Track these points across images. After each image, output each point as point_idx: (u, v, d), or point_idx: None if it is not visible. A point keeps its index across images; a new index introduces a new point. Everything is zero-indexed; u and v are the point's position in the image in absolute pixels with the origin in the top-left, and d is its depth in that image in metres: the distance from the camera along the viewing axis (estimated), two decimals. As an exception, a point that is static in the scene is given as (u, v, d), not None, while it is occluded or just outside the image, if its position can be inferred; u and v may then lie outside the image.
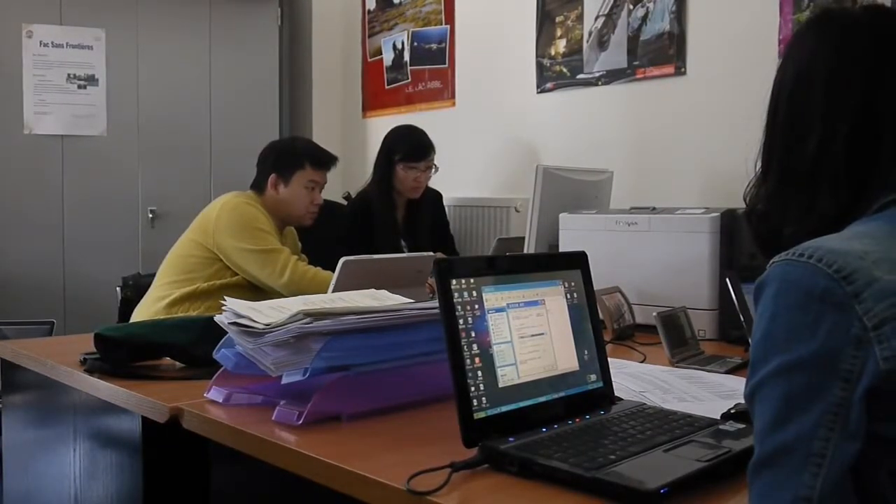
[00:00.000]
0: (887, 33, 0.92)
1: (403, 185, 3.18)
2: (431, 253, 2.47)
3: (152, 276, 2.57)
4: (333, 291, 1.96)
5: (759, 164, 1.00)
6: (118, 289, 2.73)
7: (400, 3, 4.21)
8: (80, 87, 4.02)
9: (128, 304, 2.64)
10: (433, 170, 3.23)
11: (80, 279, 3.98)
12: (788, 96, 0.95)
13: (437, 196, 3.41)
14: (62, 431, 1.68)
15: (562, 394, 1.18)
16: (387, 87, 4.28)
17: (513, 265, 1.20)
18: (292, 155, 2.67)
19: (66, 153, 4.01)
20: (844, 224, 0.87)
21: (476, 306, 1.10)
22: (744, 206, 1.93)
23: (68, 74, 3.99)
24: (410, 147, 3.17)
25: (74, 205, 4.03)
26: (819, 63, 0.93)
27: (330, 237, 3.26)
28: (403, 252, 3.09)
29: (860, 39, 0.92)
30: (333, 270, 2.05)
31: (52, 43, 3.96)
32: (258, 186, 2.66)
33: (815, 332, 0.75)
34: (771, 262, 0.81)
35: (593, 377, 1.24)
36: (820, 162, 0.91)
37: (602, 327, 1.32)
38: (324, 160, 2.71)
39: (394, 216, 3.22)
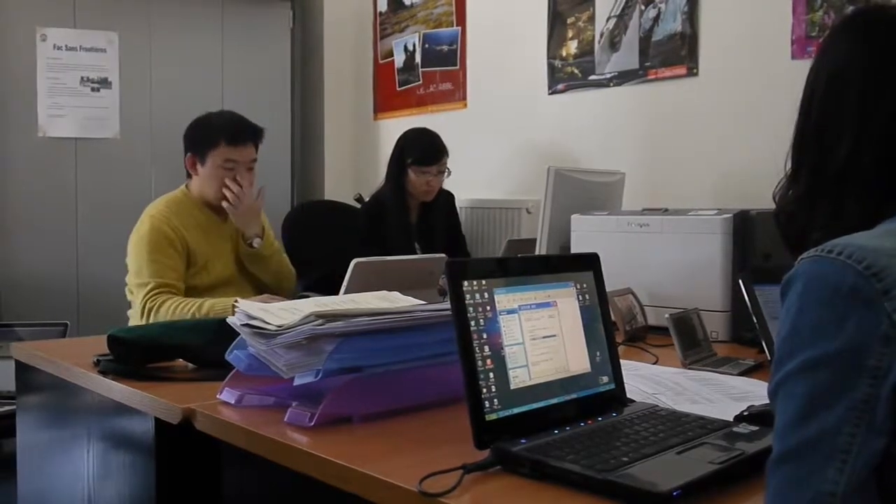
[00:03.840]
0: None
1: (416, 188, 3.18)
2: (443, 254, 2.47)
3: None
4: (345, 293, 1.96)
5: (788, 164, 0.99)
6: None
7: (411, 5, 4.21)
8: (93, 89, 4.04)
9: (141, 306, 2.65)
10: (446, 173, 3.23)
11: (94, 281, 3.99)
12: (822, 96, 0.95)
13: (449, 197, 3.41)
14: (76, 432, 1.69)
15: (573, 395, 1.17)
16: (398, 88, 4.29)
17: (524, 267, 1.19)
18: (206, 131, 2.45)
19: (79, 156, 4.03)
20: (872, 226, 0.87)
21: (488, 308, 1.10)
22: (757, 206, 1.92)
23: (82, 77, 4.01)
24: (423, 151, 3.16)
25: (88, 207, 4.05)
26: (854, 64, 0.93)
27: (343, 239, 3.27)
28: (417, 255, 3.09)
29: (894, 39, 0.92)
30: (344, 272, 2.05)
31: (66, 46, 3.98)
32: (187, 171, 2.50)
33: (842, 328, 0.75)
34: (799, 258, 0.81)
35: (605, 379, 1.24)
36: (851, 165, 0.90)
37: (614, 329, 1.32)
38: (239, 135, 2.44)
39: (407, 219, 3.21)
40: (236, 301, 1.37)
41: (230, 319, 1.32)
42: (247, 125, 2.48)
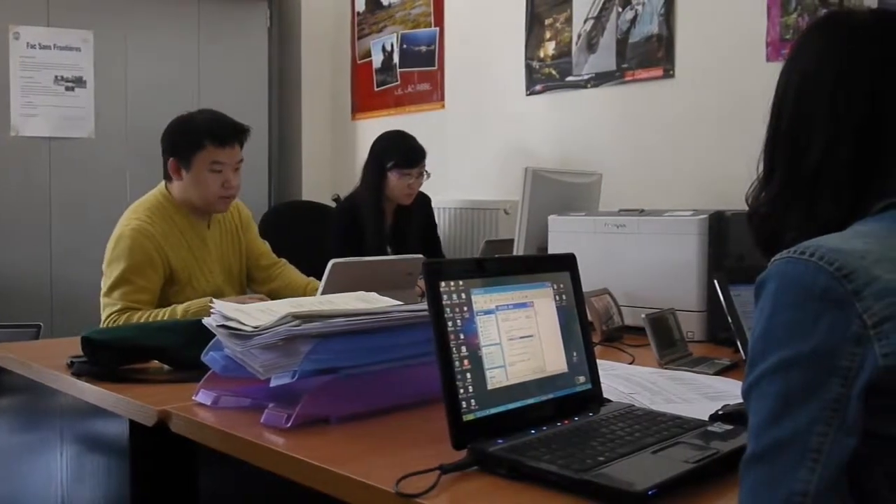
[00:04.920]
0: (893, 36, 0.93)
1: (396, 192, 3.15)
2: (421, 255, 2.47)
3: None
4: (323, 293, 1.95)
5: (761, 166, 1.00)
6: (104, 292, 2.71)
7: (389, 5, 4.21)
8: (67, 89, 4.00)
9: (115, 307, 2.62)
10: (425, 176, 3.21)
11: (68, 282, 3.95)
12: (794, 98, 0.95)
13: (425, 200, 3.40)
14: (49, 435, 1.68)
15: (550, 395, 1.18)
16: (376, 89, 4.28)
17: (502, 267, 1.20)
18: (189, 134, 2.32)
19: (53, 155, 3.98)
20: (846, 227, 0.88)
21: (465, 308, 1.10)
22: (732, 207, 1.93)
23: (56, 76, 3.97)
24: (404, 154, 3.13)
25: (62, 207, 4.00)
26: (826, 65, 0.93)
27: (320, 240, 3.26)
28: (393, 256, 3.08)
29: (867, 42, 0.93)
30: (322, 272, 2.04)
31: (40, 45, 3.93)
32: (166, 175, 2.37)
33: (815, 329, 0.76)
34: (772, 259, 0.82)
35: (582, 379, 1.24)
36: (824, 166, 0.91)
37: (591, 329, 1.32)
38: (226, 135, 2.32)
39: (382, 223, 3.19)
40: (212, 301, 1.35)
41: (206, 320, 1.31)
42: (232, 124, 2.37)
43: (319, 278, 2.07)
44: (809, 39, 0.98)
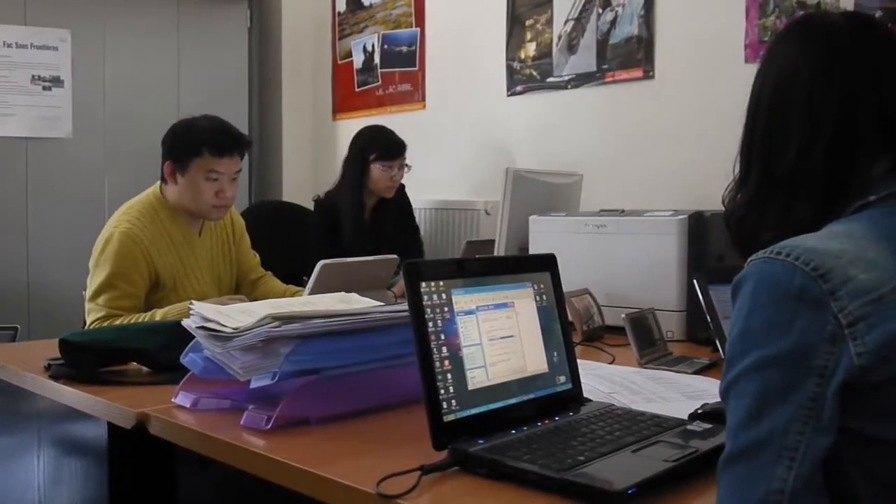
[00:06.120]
0: (867, 39, 0.94)
1: (379, 184, 3.18)
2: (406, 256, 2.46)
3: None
4: (311, 294, 1.95)
5: (737, 167, 1.00)
6: (84, 293, 2.69)
7: (370, 6, 4.20)
8: (44, 88, 3.96)
9: (94, 309, 2.59)
10: (406, 168, 3.24)
11: (45, 284, 3.92)
12: (770, 99, 0.96)
13: (401, 188, 3.39)
14: (26, 438, 1.66)
15: (531, 395, 1.18)
16: (357, 89, 4.27)
17: (482, 268, 1.20)
18: (188, 139, 2.28)
19: (30, 155, 3.94)
20: (821, 227, 0.88)
21: (445, 309, 1.10)
22: (711, 208, 1.94)
23: (33, 76, 3.93)
24: (386, 146, 3.17)
25: (39, 208, 3.96)
26: (802, 67, 0.94)
27: (298, 240, 3.25)
28: (371, 252, 3.07)
29: (842, 45, 0.94)
30: (298, 275, 2.03)
31: (17, 43, 3.89)
32: (163, 177, 2.33)
33: (791, 329, 0.76)
34: (749, 259, 0.83)
35: (562, 379, 1.24)
36: (800, 166, 0.92)
37: (571, 329, 1.33)
38: (225, 146, 2.28)
39: (362, 217, 3.20)
40: (191, 303, 1.34)
41: (185, 322, 1.30)
42: (232, 135, 2.32)
43: (296, 281, 2.06)
44: (785, 41, 0.99)
